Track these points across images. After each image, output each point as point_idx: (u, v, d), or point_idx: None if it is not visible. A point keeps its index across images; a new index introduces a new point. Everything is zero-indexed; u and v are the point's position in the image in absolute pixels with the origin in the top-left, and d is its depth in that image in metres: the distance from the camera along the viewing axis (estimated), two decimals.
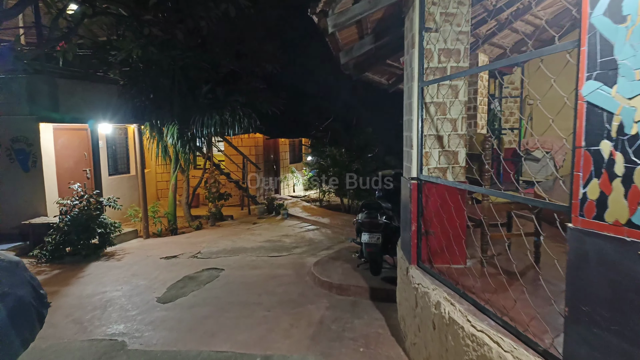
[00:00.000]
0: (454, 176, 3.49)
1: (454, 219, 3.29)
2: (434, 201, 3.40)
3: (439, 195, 3.37)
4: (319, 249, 7.69)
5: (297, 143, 17.04)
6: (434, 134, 3.45)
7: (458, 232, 3.36)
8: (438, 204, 3.38)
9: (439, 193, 3.35)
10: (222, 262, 6.86)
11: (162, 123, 9.59)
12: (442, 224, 3.35)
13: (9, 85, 7.80)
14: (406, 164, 3.79)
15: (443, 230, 3.39)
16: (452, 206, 3.28)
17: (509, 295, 2.63)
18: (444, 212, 3.35)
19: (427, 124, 3.44)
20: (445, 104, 3.42)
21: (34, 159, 8.02)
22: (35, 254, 7.03)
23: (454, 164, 3.47)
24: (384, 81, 6.61)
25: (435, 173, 3.49)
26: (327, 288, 5.34)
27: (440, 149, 3.46)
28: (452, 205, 3.28)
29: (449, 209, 3.30)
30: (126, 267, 6.70)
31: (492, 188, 3.30)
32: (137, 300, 5.14)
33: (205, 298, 5.15)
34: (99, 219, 7.56)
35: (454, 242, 3.35)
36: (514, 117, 8.90)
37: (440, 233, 3.40)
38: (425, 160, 3.46)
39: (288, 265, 6.59)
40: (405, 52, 3.74)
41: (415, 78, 3.39)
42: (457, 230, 3.35)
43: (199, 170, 11.65)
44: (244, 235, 9.07)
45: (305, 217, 10.85)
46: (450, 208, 3.29)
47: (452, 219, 3.28)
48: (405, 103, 3.78)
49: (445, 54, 3.37)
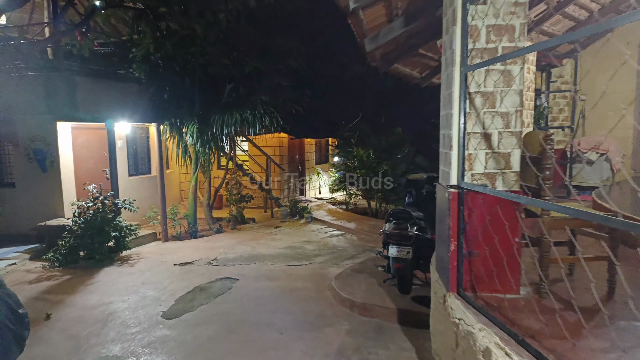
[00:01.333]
0: (505, 184, 2.80)
1: (506, 238, 2.62)
2: (480, 215, 2.73)
3: (486, 208, 2.70)
4: (342, 258, 7.09)
5: (324, 143, 16.46)
6: (480, 131, 2.77)
7: (511, 254, 2.68)
8: (485, 218, 2.71)
9: (487, 205, 2.68)
10: (238, 270, 6.38)
11: (181, 122, 9.26)
12: (490, 244, 2.68)
13: (27, 84, 7.66)
14: (443, 168, 3.13)
15: (491, 251, 2.71)
16: (504, 221, 2.61)
17: (586, 344, 1.95)
18: (492, 228, 2.68)
19: (471, 119, 2.77)
20: (495, 94, 2.74)
21: (52, 158, 7.85)
22: (48, 257, 6.80)
23: (506, 169, 2.78)
24: (415, 74, 5.93)
25: (481, 180, 2.82)
26: (349, 307, 4.72)
27: (488, 150, 2.78)
28: (504, 220, 2.61)
29: (499, 224, 2.63)
30: (138, 273, 6.34)
31: (553, 199, 2.61)
32: (141, 314, 4.71)
33: (213, 314, 4.65)
34: (114, 221, 7.27)
35: (505, 266, 2.68)
36: (563, 114, 7.96)
37: (488, 254, 2.73)
38: (468, 164, 2.79)
39: (308, 277, 6.03)
40: (444, 32, 3.09)
41: (456, 62, 2.73)
42: (510, 251, 2.67)
43: (222, 171, 11.31)
44: (264, 240, 8.58)
45: (330, 221, 10.26)
46: (500, 224, 2.62)
47: (503, 237, 2.61)
48: (443, 94, 3.12)
49: (496, 31, 2.70)
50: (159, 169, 9.04)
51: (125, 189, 8.96)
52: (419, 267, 4.67)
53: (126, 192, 8.79)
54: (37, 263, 6.92)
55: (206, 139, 9.14)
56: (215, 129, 9.09)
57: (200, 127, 9.04)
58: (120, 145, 9.33)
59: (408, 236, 4.45)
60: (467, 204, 2.75)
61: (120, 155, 9.25)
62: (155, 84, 9.24)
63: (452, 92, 2.79)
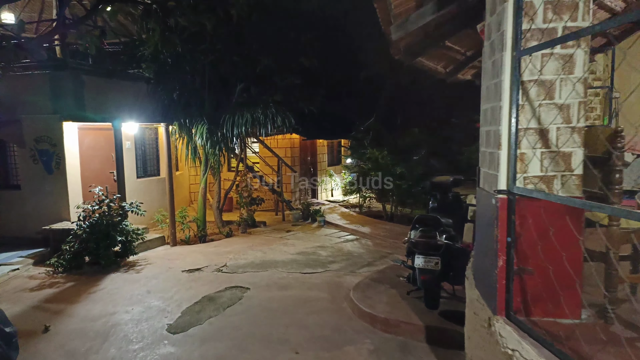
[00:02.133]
0: (565, 189, 2.38)
1: (567, 252, 2.20)
2: (536, 225, 2.31)
3: (541, 217, 2.29)
4: (358, 265, 6.69)
5: (336, 144, 16.05)
6: (535, 127, 2.36)
7: (573, 271, 2.25)
8: (542, 229, 2.30)
9: (542, 213, 2.27)
10: (249, 278, 6.01)
11: (191, 122, 8.95)
12: (548, 259, 2.27)
13: (33, 82, 7.42)
14: (486, 170, 2.72)
15: (547, 268, 2.30)
16: (565, 233, 2.20)
17: None
18: (550, 241, 2.26)
19: (524, 112, 2.36)
20: (553, 83, 2.33)
21: (58, 160, 7.60)
22: (52, 262, 6.52)
23: (566, 171, 2.36)
24: (440, 69, 5.51)
25: (535, 184, 2.40)
26: (370, 321, 4.32)
27: (545, 149, 2.37)
28: (565, 231, 2.19)
29: (559, 236, 2.22)
30: (143, 280, 6.02)
31: None
32: (144, 327, 4.37)
33: (222, 328, 4.29)
34: (121, 225, 6.97)
35: (564, 286, 2.26)
36: (595, 112, 7.44)
37: (551, 272, 2.30)
38: (520, 165, 2.38)
39: (323, 286, 5.64)
40: (488, 14, 2.68)
41: (507, 46, 2.32)
42: (570, 268, 2.24)
43: (232, 173, 10.99)
44: (276, 245, 8.22)
45: (344, 225, 9.87)
46: (560, 236, 2.21)
47: (563, 251, 2.20)
48: (487, 85, 2.72)
49: (555, 8, 2.28)
50: (167, 170, 8.75)
51: (133, 191, 8.68)
52: (448, 279, 4.24)
53: (134, 194, 8.51)
54: (41, 268, 6.65)
55: (216, 139, 8.83)
56: (225, 130, 8.77)
57: (210, 127, 8.73)
58: (129, 146, 9.07)
59: (437, 245, 4.02)
60: (519, 212, 2.34)
61: (129, 157, 8.98)
62: (165, 84, 8.96)
63: (501, 81, 2.38)
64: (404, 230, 9.25)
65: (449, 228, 4.26)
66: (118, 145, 7.89)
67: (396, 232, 9.18)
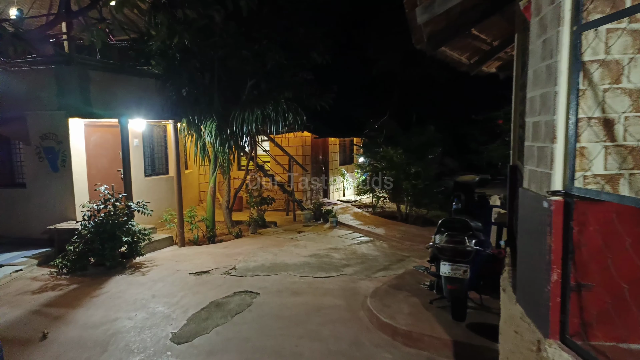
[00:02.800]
0: (634, 190, 2.00)
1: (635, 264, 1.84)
2: (599, 233, 1.94)
3: (607, 224, 1.92)
4: (374, 269, 6.34)
5: (348, 143, 15.68)
6: (597, 116, 1.99)
7: None
8: (605, 237, 1.93)
9: (610, 219, 1.90)
10: (259, 282, 5.70)
11: (200, 119, 8.68)
12: (615, 273, 1.90)
13: (38, 78, 7.22)
14: (533, 168, 2.35)
15: (613, 284, 1.93)
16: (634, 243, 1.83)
17: None
18: (617, 252, 1.89)
19: (584, 100, 1.99)
20: (622, 64, 1.95)
21: (64, 157, 7.38)
22: (56, 263, 6.30)
23: (636, 168, 1.98)
24: (464, 60, 5.12)
25: (597, 184, 2.03)
26: (390, 334, 3.97)
27: (610, 142, 1.99)
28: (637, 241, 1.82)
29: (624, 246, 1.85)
30: (149, 284, 5.75)
31: None
32: (147, 336, 4.08)
33: (229, 339, 3.98)
34: (127, 225, 6.72)
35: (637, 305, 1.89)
36: None
37: (608, 288, 1.94)
38: (579, 161, 2.01)
39: (337, 292, 5.30)
40: None
41: (564, 19, 1.96)
42: None
43: (242, 172, 10.71)
44: (287, 246, 7.90)
45: (357, 226, 9.51)
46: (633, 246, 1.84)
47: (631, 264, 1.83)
48: (534, 69, 2.35)
49: None
50: (176, 169, 8.49)
51: (141, 190, 8.45)
52: (477, 289, 3.87)
53: (142, 193, 8.26)
54: (45, 269, 6.43)
55: (225, 137, 8.54)
56: (235, 127, 8.48)
57: (220, 124, 8.44)
58: (136, 143, 8.84)
59: (466, 251, 3.65)
60: (577, 218, 1.97)
61: (136, 155, 8.75)
62: (173, 80, 8.71)
63: (557, 62, 2.01)
64: (420, 232, 8.87)
65: (478, 232, 3.88)
66: (125, 142, 7.65)
67: (412, 233, 8.80)
